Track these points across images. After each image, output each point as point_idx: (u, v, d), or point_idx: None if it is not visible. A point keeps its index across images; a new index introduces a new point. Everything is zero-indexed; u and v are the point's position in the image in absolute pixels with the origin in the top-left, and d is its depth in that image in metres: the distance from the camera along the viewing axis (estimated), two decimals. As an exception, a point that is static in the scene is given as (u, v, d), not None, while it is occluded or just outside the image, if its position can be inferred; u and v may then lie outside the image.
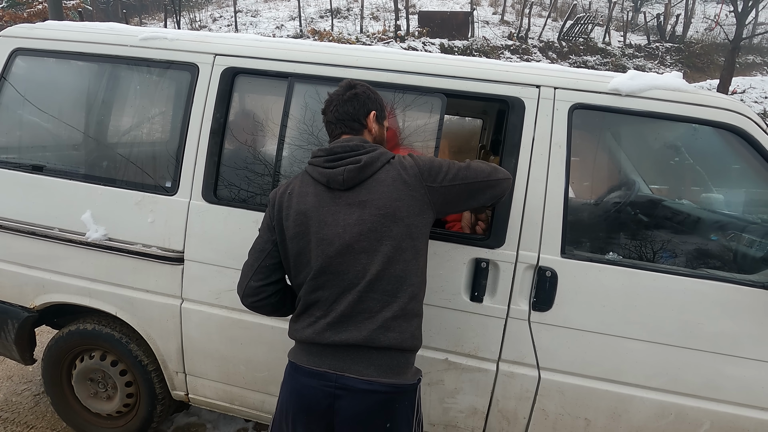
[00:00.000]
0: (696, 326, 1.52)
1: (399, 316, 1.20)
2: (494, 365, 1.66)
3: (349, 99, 1.31)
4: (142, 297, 1.88)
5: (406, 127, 1.70)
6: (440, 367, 1.69)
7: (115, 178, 1.87)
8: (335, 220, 1.21)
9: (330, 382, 1.18)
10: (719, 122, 1.51)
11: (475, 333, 1.65)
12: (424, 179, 1.23)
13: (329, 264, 1.20)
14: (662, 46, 14.64)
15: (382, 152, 1.25)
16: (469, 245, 1.61)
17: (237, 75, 1.77)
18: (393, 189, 1.20)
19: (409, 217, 1.21)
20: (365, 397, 1.17)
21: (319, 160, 1.26)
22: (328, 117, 1.34)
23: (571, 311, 1.58)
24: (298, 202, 1.25)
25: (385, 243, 1.19)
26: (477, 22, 14.13)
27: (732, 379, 1.52)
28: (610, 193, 1.92)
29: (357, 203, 1.21)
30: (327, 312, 1.21)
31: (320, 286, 1.22)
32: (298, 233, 1.24)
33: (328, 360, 1.19)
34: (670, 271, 1.53)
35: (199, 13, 16.45)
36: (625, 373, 1.59)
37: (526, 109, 1.59)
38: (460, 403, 1.71)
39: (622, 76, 1.58)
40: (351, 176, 1.21)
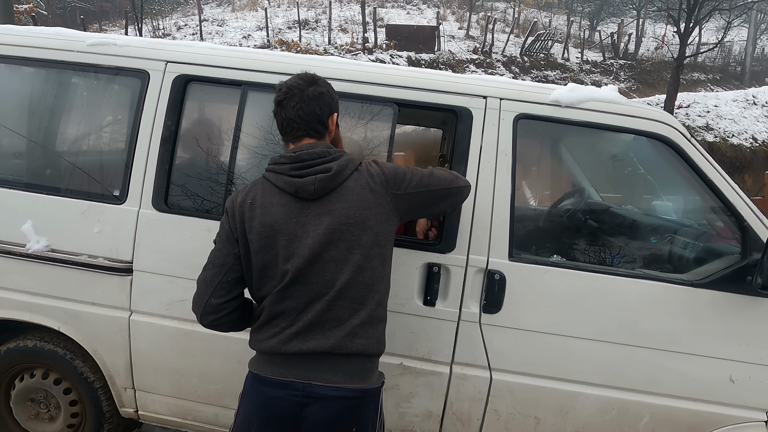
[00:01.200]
0: (634, 324, 1.61)
1: (366, 323, 1.21)
2: (448, 368, 1.69)
3: (314, 98, 1.23)
4: (88, 310, 1.80)
5: (359, 136, 1.73)
6: (395, 372, 1.71)
7: (60, 187, 1.80)
8: (305, 232, 1.18)
9: (297, 391, 1.16)
10: (649, 132, 1.63)
11: (429, 337, 1.68)
12: (389, 186, 1.23)
13: (299, 275, 1.18)
14: (616, 63, 15.49)
15: (349, 159, 1.24)
16: (422, 250, 1.65)
17: (189, 82, 1.75)
18: (362, 197, 1.20)
19: (377, 225, 1.21)
20: (334, 404, 1.17)
21: (284, 167, 1.21)
22: (287, 113, 1.23)
23: (520, 313, 1.64)
24: (263, 214, 1.20)
25: (355, 252, 1.18)
26: (443, 37, 14.51)
27: (668, 373, 1.62)
28: (556, 198, 2.02)
29: (326, 212, 1.18)
30: (293, 321, 1.19)
31: (288, 296, 1.20)
32: (264, 246, 1.20)
33: (294, 369, 1.18)
34: (610, 272, 1.62)
35: (163, 21, 16.11)
36: (571, 371, 1.65)
37: (474, 119, 1.66)
38: (416, 407, 1.73)
39: (562, 88, 1.68)
40: (322, 186, 1.18)
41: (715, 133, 9.23)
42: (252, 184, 1.28)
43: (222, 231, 1.28)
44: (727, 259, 1.65)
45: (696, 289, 1.59)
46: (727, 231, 1.68)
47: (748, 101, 10.28)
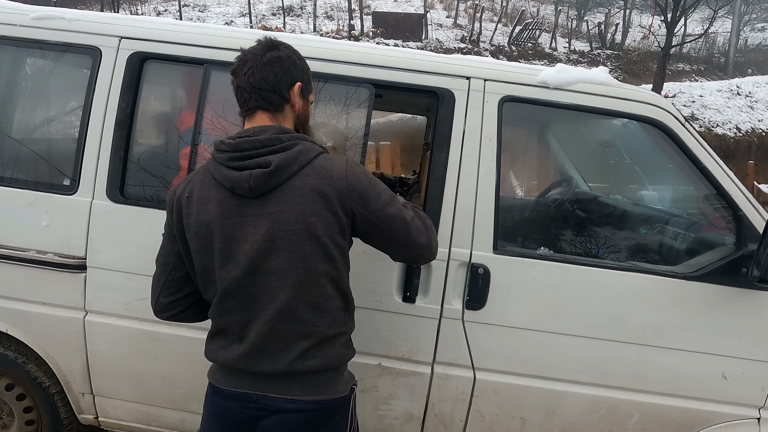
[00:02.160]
0: (623, 319, 1.53)
1: (319, 344, 1.06)
2: (429, 368, 1.59)
3: (269, 62, 1.04)
4: (38, 311, 1.65)
5: (332, 119, 1.60)
6: (373, 373, 1.60)
7: (3, 176, 1.64)
8: (242, 234, 1.02)
9: (251, 403, 1.05)
10: (641, 116, 1.53)
11: (409, 335, 1.58)
12: (350, 198, 1.03)
13: (236, 286, 1.04)
14: (603, 53, 15.48)
15: (302, 150, 1.02)
16: None
17: (146, 60, 1.60)
18: (308, 201, 1.00)
19: (326, 237, 1.02)
20: (290, 417, 1.05)
21: (223, 156, 1.03)
22: (239, 81, 1.06)
23: (505, 308, 1.54)
24: (199, 211, 1.05)
25: (297, 265, 1.01)
26: (431, 25, 14.30)
27: (657, 370, 1.54)
28: (543, 187, 1.93)
29: (265, 214, 1.01)
30: (238, 340, 1.07)
31: (228, 310, 1.07)
32: (202, 248, 1.06)
33: (248, 381, 1.06)
34: (599, 264, 1.53)
35: (143, 7, 15.55)
36: (558, 369, 1.57)
37: (456, 102, 1.54)
38: (396, 410, 1.63)
39: (551, 69, 1.57)
40: (258, 184, 0.99)
41: (701, 123, 9.29)
42: (194, 174, 1.12)
43: (165, 226, 1.15)
44: (720, 250, 1.57)
45: (687, 282, 1.51)
46: (720, 221, 1.61)
47: (732, 91, 10.35)
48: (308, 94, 1.15)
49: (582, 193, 1.90)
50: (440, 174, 1.53)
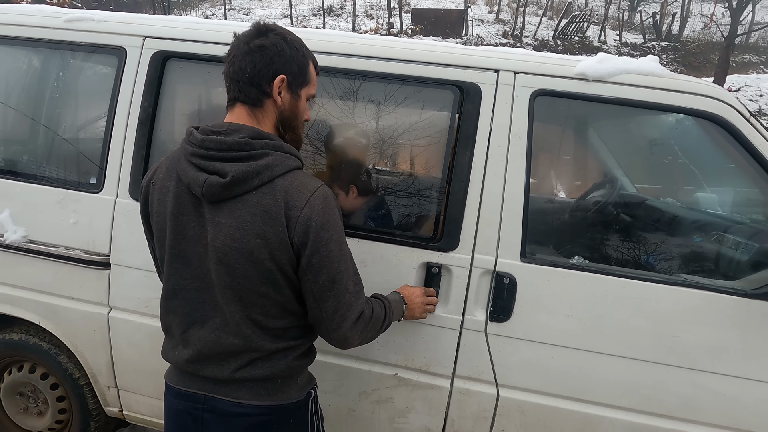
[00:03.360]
0: (671, 339, 1.35)
1: (267, 356, 1.01)
2: (448, 381, 1.49)
3: (250, 51, 0.95)
4: (67, 305, 1.70)
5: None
6: (389, 384, 1.52)
7: (36, 174, 1.70)
8: (196, 235, 0.96)
9: (198, 404, 1.02)
10: (697, 110, 1.35)
11: (427, 346, 1.48)
12: (296, 230, 0.92)
13: (182, 287, 1.01)
14: (658, 45, 14.51)
15: (269, 165, 0.92)
16: (420, 248, 1.44)
17: (168, 59, 1.60)
18: (258, 221, 0.91)
19: (271, 261, 0.93)
20: (233, 421, 1.01)
21: (189, 149, 0.96)
22: (225, 69, 1.00)
23: (532, 322, 1.41)
24: (159, 201, 1.00)
25: (239, 281, 0.94)
26: (471, 20, 13.97)
27: (711, 399, 1.36)
28: (580, 189, 1.76)
29: (215, 223, 0.94)
30: (183, 343, 1.04)
31: (172, 310, 1.04)
32: (159, 239, 1.03)
33: (197, 382, 1.03)
34: (642, 277, 1.36)
35: (193, 12, 16.27)
36: (593, 391, 1.42)
37: (482, 96, 1.42)
38: (413, 424, 1.54)
39: (590, 59, 1.42)
40: (210, 192, 0.92)
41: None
42: (163, 158, 1.05)
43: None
44: (790, 264, 1.36)
45: (749, 300, 1.31)
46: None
47: (807, 84, 9.38)
48: (299, 88, 1.03)
49: (626, 195, 1.72)
50: (463, 175, 1.42)
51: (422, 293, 1.36)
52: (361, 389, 1.55)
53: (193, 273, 0.99)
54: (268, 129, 1.01)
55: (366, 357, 1.53)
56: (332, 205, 0.99)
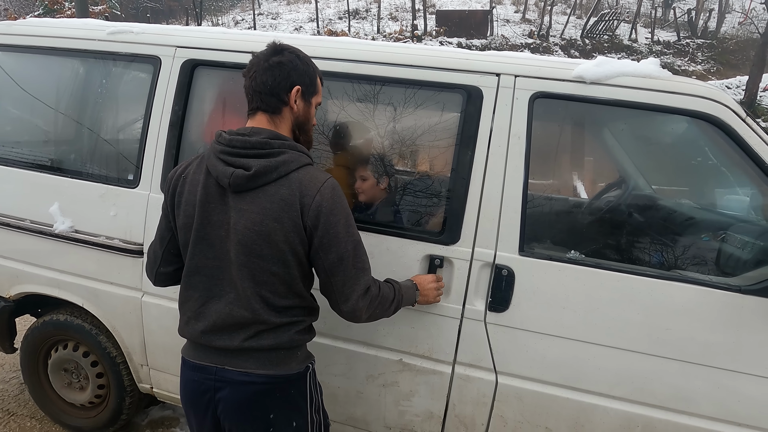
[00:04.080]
0: (665, 332, 1.40)
1: (272, 329, 1.16)
2: (450, 368, 1.58)
3: (270, 67, 1.12)
4: (106, 289, 1.89)
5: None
6: (395, 369, 1.63)
7: (82, 171, 1.89)
8: (220, 221, 1.12)
9: (210, 375, 1.16)
10: (692, 111, 1.39)
11: (429, 334, 1.58)
12: (310, 215, 1.08)
13: (204, 265, 1.15)
14: (693, 43, 13.99)
15: (285, 161, 1.09)
16: (423, 241, 1.54)
17: (196, 67, 1.76)
18: (275, 208, 1.08)
19: (284, 244, 1.09)
20: (241, 389, 1.15)
21: (218, 148, 1.13)
22: (246, 82, 1.17)
23: (529, 313, 1.49)
24: (189, 192, 1.16)
25: (254, 261, 1.10)
26: (497, 21, 13.87)
27: (706, 392, 1.40)
28: (576, 186, 1.81)
29: (238, 210, 1.10)
30: (198, 316, 1.18)
31: (192, 285, 1.18)
32: (185, 224, 1.17)
33: (209, 355, 1.17)
34: (637, 272, 1.42)
35: (223, 17, 16.85)
36: (587, 380, 1.48)
37: (484, 99, 1.51)
38: (416, 407, 1.64)
39: (588, 62, 1.48)
40: (237, 183, 1.09)
41: (811, 119, 8.07)
42: (193, 157, 1.22)
43: (162, 203, 1.26)
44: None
45: (743, 296, 1.35)
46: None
47: None
48: (311, 97, 1.21)
49: (624, 192, 1.76)
50: (465, 173, 1.51)
51: (434, 279, 1.47)
52: (368, 373, 1.66)
53: (215, 253, 1.13)
54: (284, 132, 1.18)
55: (373, 342, 1.64)
56: (340, 194, 1.15)
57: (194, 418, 1.24)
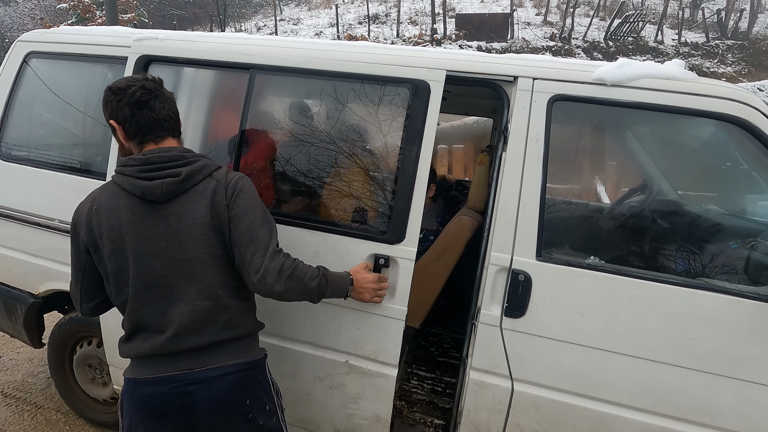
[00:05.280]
0: (688, 342, 1.35)
1: (237, 315, 1.23)
2: (395, 370, 1.59)
3: (168, 99, 1.24)
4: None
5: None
6: (342, 370, 1.64)
7: (108, 173, 1.95)
8: (155, 233, 1.16)
9: (179, 382, 1.17)
10: (719, 113, 1.34)
11: (374, 335, 1.59)
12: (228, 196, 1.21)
13: (155, 278, 1.17)
14: (723, 44, 13.55)
15: (205, 164, 1.23)
16: (369, 240, 1.54)
17: (151, 63, 1.80)
18: (208, 199, 1.19)
19: (220, 227, 1.20)
20: (220, 381, 1.19)
21: (132, 170, 1.18)
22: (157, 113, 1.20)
23: (547, 319, 1.46)
24: (109, 218, 1.17)
25: (204, 251, 1.18)
26: (518, 24, 13.74)
27: (730, 405, 1.34)
28: (598, 191, 1.77)
29: (174, 214, 1.17)
30: (162, 326, 1.18)
31: (146, 302, 1.18)
32: (115, 250, 1.17)
33: (171, 364, 1.18)
34: (660, 279, 1.38)
35: (246, 23, 17.22)
36: (607, 390, 1.44)
37: (431, 94, 1.50)
38: (364, 410, 1.65)
39: (610, 64, 1.45)
40: (170, 189, 1.17)
41: None
42: (97, 190, 1.25)
43: (71, 246, 1.25)
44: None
45: (772, 306, 1.29)
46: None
47: None
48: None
49: (646, 198, 1.71)
50: (410, 170, 1.51)
51: (375, 279, 1.47)
52: (315, 374, 1.66)
53: (161, 263, 1.16)
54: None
55: (320, 343, 1.65)
56: (251, 183, 1.28)
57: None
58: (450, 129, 6.06)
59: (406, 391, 2.05)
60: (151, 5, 18.34)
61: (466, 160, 5.89)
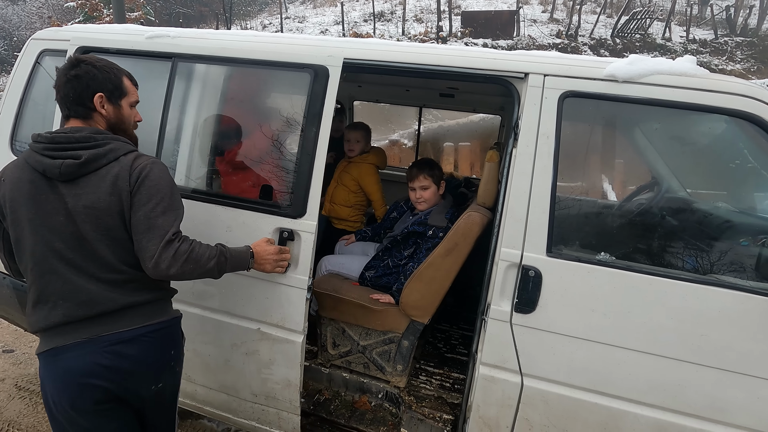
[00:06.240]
0: (699, 338, 1.36)
1: (146, 282, 1.25)
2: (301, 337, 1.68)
3: (68, 81, 1.23)
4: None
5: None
6: (254, 337, 1.73)
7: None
8: (55, 209, 1.19)
9: (103, 343, 1.20)
10: (732, 109, 1.34)
11: (281, 304, 1.67)
12: (132, 182, 1.20)
13: (52, 249, 1.19)
14: (731, 41, 13.41)
15: (112, 149, 1.21)
16: (273, 215, 1.63)
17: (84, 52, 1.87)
18: (108, 185, 1.18)
19: (122, 211, 1.20)
20: (145, 338, 1.23)
21: (39, 146, 1.21)
22: (55, 95, 1.25)
23: (557, 315, 1.46)
24: (12, 189, 1.21)
25: (102, 233, 1.19)
26: (524, 21, 13.68)
27: (741, 401, 1.34)
28: (608, 188, 1.76)
29: (73, 195, 1.18)
30: (68, 294, 1.19)
31: (49, 270, 1.20)
32: (14, 220, 1.21)
33: (88, 329, 1.20)
34: (670, 275, 1.38)
35: (252, 21, 17.25)
36: (617, 385, 1.45)
37: (329, 78, 1.58)
38: (276, 374, 1.74)
39: (621, 61, 1.45)
40: (69, 171, 1.17)
41: None
42: (10, 162, 1.28)
43: None
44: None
45: (787, 303, 1.29)
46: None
47: None
48: (118, 100, 1.29)
49: (657, 194, 1.71)
50: (310, 149, 1.59)
51: (275, 251, 1.54)
52: (232, 341, 1.76)
53: (59, 238, 1.19)
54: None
55: (235, 312, 1.74)
56: (163, 170, 1.26)
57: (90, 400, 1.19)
58: (456, 127, 6.06)
59: (414, 387, 2.06)
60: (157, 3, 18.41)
61: (472, 158, 5.89)
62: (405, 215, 2.35)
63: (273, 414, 1.80)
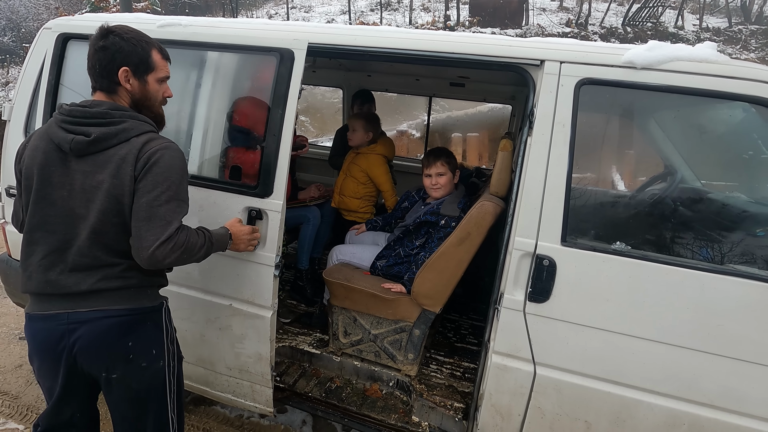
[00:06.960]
0: (715, 328, 1.35)
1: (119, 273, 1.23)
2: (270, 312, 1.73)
3: (95, 52, 1.22)
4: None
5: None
6: (227, 313, 1.79)
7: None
8: (61, 182, 1.19)
9: (62, 320, 1.21)
10: (753, 96, 1.32)
11: (251, 281, 1.72)
12: (138, 167, 1.17)
13: (46, 222, 1.21)
14: (746, 29, 13.12)
15: (125, 129, 1.19)
16: (242, 194, 1.67)
17: (68, 40, 1.94)
18: (114, 167, 1.17)
19: (122, 196, 1.18)
20: (97, 324, 1.21)
21: (58, 118, 1.22)
22: (87, 65, 1.25)
23: (571, 304, 1.46)
24: (29, 156, 1.23)
25: (96, 216, 1.18)
26: (533, 10, 13.47)
27: (757, 391, 1.34)
28: (625, 176, 1.74)
29: (81, 171, 1.18)
30: (44, 267, 1.21)
31: (35, 240, 1.22)
32: (26, 186, 1.24)
33: (55, 303, 1.22)
34: (686, 264, 1.37)
35: (258, 11, 17.14)
36: (630, 375, 1.45)
37: (295, 61, 1.60)
38: (248, 349, 1.80)
39: (640, 47, 1.43)
40: (78, 147, 1.17)
41: None
42: (37, 128, 1.28)
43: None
44: None
45: (806, 293, 1.28)
46: None
47: None
48: (144, 75, 1.27)
49: (673, 184, 1.68)
50: (276, 130, 1.62)
51: (249, 231, 1.58)
52: (207, 317, 1.81)
53: (56, 211, 1.20)
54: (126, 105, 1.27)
55: (208, 289, 1.80)
56: (174, 156, 1.22)
57: (47, 370, 1.26)
58: (464, 117, 6.01)
59: (425, 375, 2.07)
60: (163, -7, 18.31)
61: (481, 148, 5.85)
62: (417, 205, 2.35)
63: (247, 387, 1.87)
